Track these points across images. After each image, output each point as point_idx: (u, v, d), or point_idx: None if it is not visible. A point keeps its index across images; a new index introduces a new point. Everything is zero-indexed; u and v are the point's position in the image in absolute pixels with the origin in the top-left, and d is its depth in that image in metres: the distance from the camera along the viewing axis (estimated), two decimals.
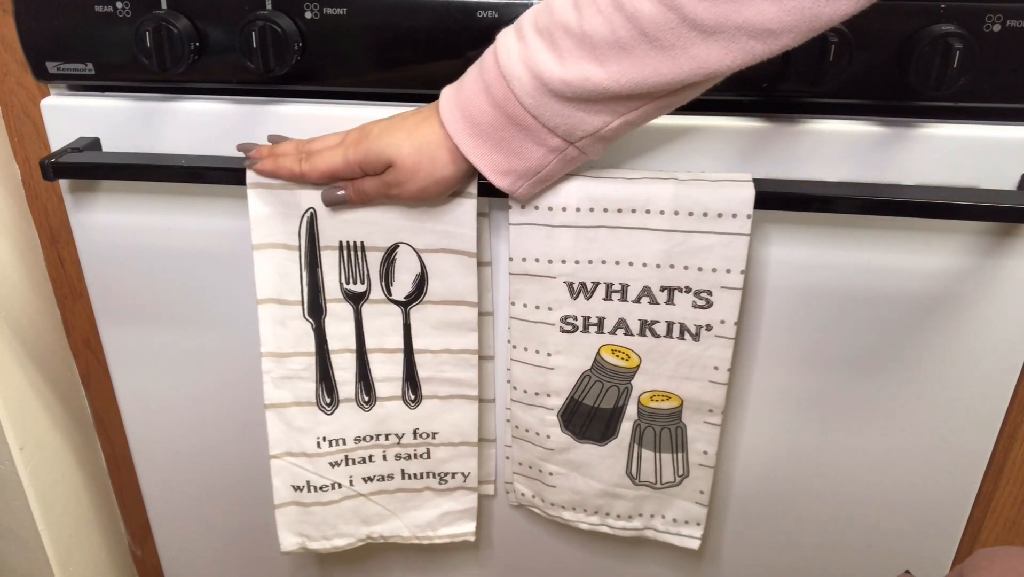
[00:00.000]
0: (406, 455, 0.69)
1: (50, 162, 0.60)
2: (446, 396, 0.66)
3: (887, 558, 0.75)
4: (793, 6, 0.42)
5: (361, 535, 0.73)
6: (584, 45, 0.47)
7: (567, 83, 0.48)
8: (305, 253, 0.62)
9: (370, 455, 0.69)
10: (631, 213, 0.57)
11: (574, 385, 0.64)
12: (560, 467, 0.68)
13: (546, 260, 0.60)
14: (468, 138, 0.52)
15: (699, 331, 0.60)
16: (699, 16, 0.44)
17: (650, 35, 0.45)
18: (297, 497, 0.70)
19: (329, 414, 0.67)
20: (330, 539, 0.72)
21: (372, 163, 0.55)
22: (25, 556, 0.82)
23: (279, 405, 0.66)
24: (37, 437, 0.78)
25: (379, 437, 0.68)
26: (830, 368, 0.66)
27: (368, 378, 0.66)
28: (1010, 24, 0.53)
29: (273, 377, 0.65)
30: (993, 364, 0.65)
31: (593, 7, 0.46)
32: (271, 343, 0.64)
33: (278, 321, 0.64)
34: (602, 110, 0.49)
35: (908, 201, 0.57)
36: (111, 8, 0.58)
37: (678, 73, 0.46)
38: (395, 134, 0.54)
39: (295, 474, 0.69)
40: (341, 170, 0.56)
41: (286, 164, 0.58)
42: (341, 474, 0.69)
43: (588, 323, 0.62)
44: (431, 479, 0.71)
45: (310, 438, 0.68)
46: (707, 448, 0.66)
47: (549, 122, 0.50)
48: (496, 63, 0.50)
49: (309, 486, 0.69)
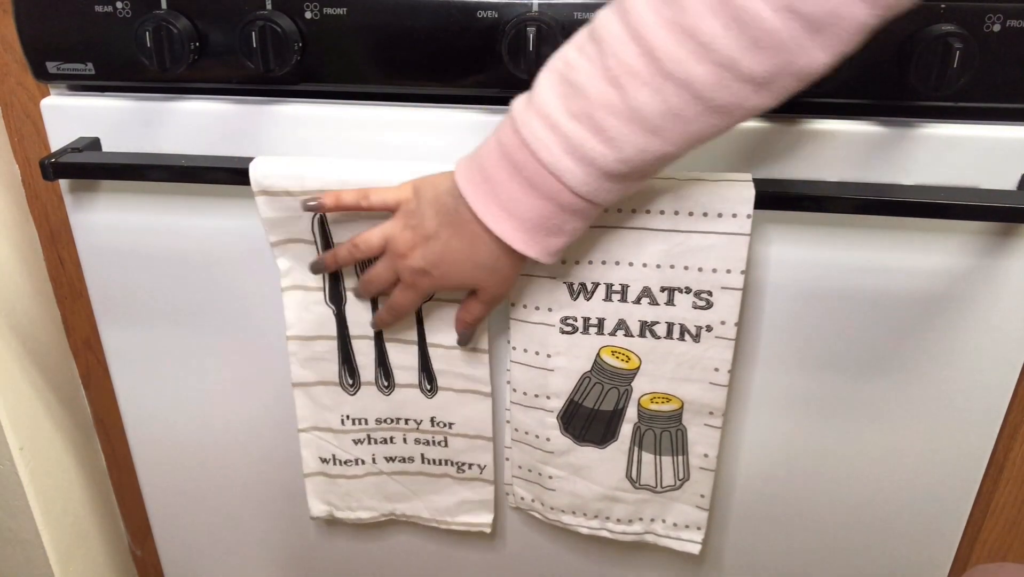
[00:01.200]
0: (425, 440, 0.70)
1: (50, 162, 0.60)
2: (460, 390, 0.67)
3: (887, 558, 0.75)
4: (840, 51, 0.43)
5: (384, 510, 0.75)
6: (634, 120, 0.45)
7: (624, 161, 0.47)
8: (322, 246, 0.62)
9: (391, 436, 0.71)
10: (631, 213, 0.57)
11: (574, 387, 0.64)
12: (560, 470, 0.68)
13: None
14: (520, 233, 0.51)
15: (699, 332, 0.60)
16: (755, 72, 0.43)
17: (705, 97, 0.44)
18: (324, 468, 0.72)
19: (352, 395, 0.68)
20: (355, 510, 0.74)
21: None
22: (25, 556, 0.82)
23: (305, 384, 0.68)
24: (37, 437, 0.78)
25: (399, 421, 0.69)
26: (830, 368, 0.66)
27: (387, 364, 0.67)
28: (1010, 24, 0.53)
29: (299, 358, 0.67)
30: (993, 364, 0.65)
31: (636, 81, 0.44)
32: (296, 327, 0.66)
33: (302, 307, 0.65)
34: (653, 166, 0.48)
35: (908, 201, 0.57)
36: (111, 8, 0.58)
37: (731, 123, 0.46)
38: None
39: (321, 447, 0.71)
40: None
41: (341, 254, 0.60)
42: (364, 452, 0.71)
43: (588, 324, 0.62)
44: (449, 467, 0.72)
45: (335, 415, 0.69)
46: (708, 451, 0.66)
47: (603, 199, 0.50)
48: (536, 159, 0.48)
49: (335, 460, 0.71)
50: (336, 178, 0.58)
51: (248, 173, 0.59)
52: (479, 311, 0.60)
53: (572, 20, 0.55)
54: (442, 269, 0.55)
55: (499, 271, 0.55)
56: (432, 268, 0.55)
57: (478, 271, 0.55)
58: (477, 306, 0.59)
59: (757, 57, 0.42)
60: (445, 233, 0.54)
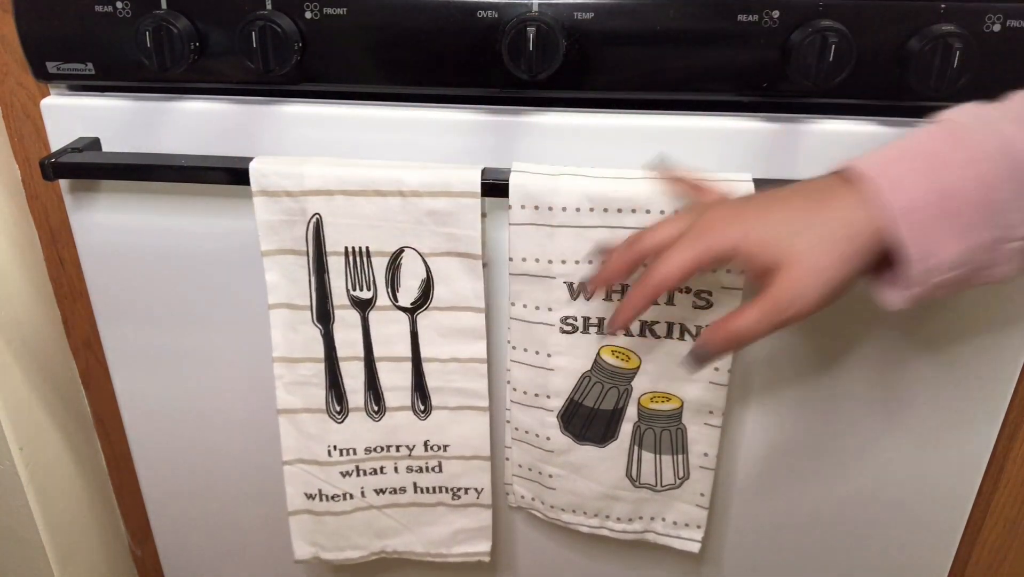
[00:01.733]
0: (418, 468, 0.69)
1: (50, 162, 0.60)
2: (455, 407, 0.66)
3: (887, 558, 0.75)
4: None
5: (375, 548, 0.72)
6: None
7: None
8: (313, 259, 0.62)
9: (381, 467, 0.69)
10: (631, 213, 0.57)
11: (574, 386, 0.64)
12: (560, 469, 0.68)
13: (546, 260, 0.60)
14: (916, 215, 0.38)
15: (699, 331, 0.60)
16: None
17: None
18: (309, 505, 0.70)
19: (339, 422, 0.67)
20: (343, 550, 0.72)
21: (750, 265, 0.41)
22: (25, 556, 0.82)
23: (291, 411, 0.66)
24: (37, 437, 0.78)
25: (389, 448, 0.68)
26: (830, 368, 0.66)
27: (377, 387, 0.66)
28: (1010, 24, 0.53)
29: (284, 382, 0.66)
30: (993, 364, 0.65)
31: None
32: (282, 347, 0.64)
33: (289, 326, 0.64)
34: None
35: None
36: (111, 8, 0.58)
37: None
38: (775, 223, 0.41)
39: (307, 482, 0.69)
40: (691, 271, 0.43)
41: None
42: (352, 485, 0.69)
43: (588, 324, 0.62)
44: (444, 494, 0.70)
45: (321, 445, 0.67)
46: (707, 450, 0.66)
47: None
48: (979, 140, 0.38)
49: (321, 495, 0.69)
50: (336, 178, 0.59)
51: (248, 173, 0.59)
52: (754, 319, 0.42)
53: (572, 20, 0.55)
54: (757, 218, 0.43)
55: (833, 248, 0.40)
56: (746, 215, 0.43)
57: (806, 232, 0.41)
58: (754, 313, 0.43)
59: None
60: (789, 198, 0.42)
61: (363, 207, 0.59)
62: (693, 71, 0.56)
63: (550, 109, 0.60)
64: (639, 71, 0.57)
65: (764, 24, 0.54)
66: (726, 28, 0.54)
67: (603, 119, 0.59)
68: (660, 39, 0.55)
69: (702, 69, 0.56)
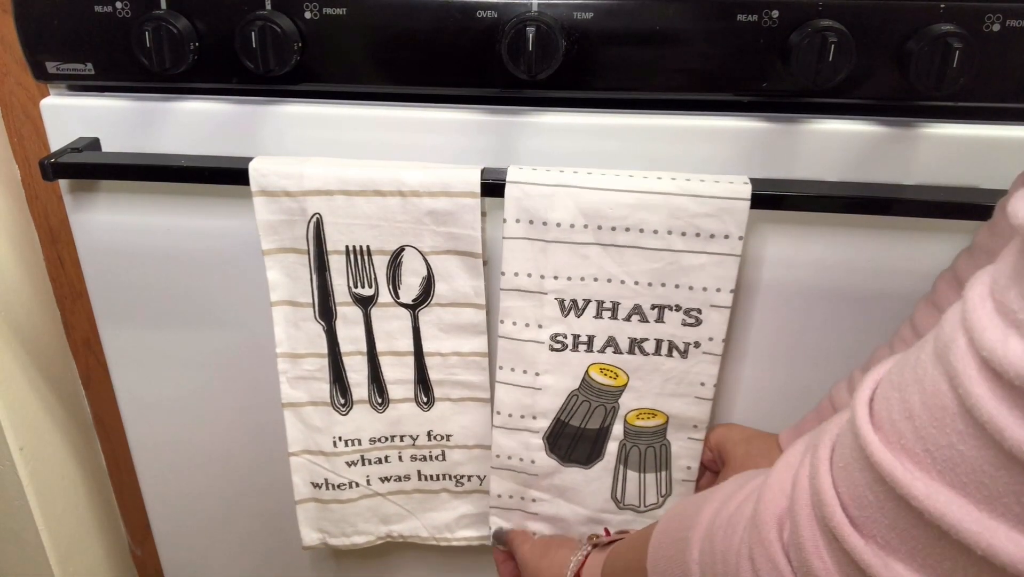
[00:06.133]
0: (422, 456, 0.69)
1: (50, 162, 0.60)
2: (458, 399, 0.66)
3: None
4: None
5: (380, 533, 0.74)
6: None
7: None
8: (314, 257, 0.62)
9: (386, 456, 0.69)
10: (624, 231, 0.57)
11: (561, 406, 0.64)
12: (544, 493, 0.68)
13: (538, 275, 0.59)
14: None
15: (687, 348, 0.60)
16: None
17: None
18: (316, 494, 0.71)
19: (344, 415, 0.67)
20: (349, 536, 0.73)
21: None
22: (25, 556, 0.82)
23: (295, 404, 0.67)
24: (37, 437, 0.78)
25: (394, 438, 0.69)
26: (829, 368, 0.66)
27: (380, 380, 0.66)
28: (1010, 24, 0.53)
29: (289, 377, 0.66)
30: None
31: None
32: (285, 344, 0.65)
33: (291, 323, 0.64)
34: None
35: (908, 201, 0.57)
36: (111, 8, 0.58)
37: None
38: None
39: (313, 472, 0.70)
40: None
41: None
42: (358, 474, 0.70)
43: (578, 341, 0.61)
44: (447, 481, 0.71)
45: (326, 437, 0.68)
46: (690, 463, 0.66)
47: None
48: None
49: (327, 484, 0.70)
50: (336, 178, 0.59)
51: (248, 173, 0.59)
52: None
53: (572, 20, 0.55)
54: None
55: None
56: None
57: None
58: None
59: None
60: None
61: (363, 207, 0.59)
62: (693, 71, 0.56)
63: (550, 109, 0.60)
64: (639, 71, 0.57)
65: (763, 24, 0.54)
66: (725, 28, 0.54)
67: (603, 119, 0.59)
68: (660, 39, 0.55)
69: (702, 69, 0.56)
